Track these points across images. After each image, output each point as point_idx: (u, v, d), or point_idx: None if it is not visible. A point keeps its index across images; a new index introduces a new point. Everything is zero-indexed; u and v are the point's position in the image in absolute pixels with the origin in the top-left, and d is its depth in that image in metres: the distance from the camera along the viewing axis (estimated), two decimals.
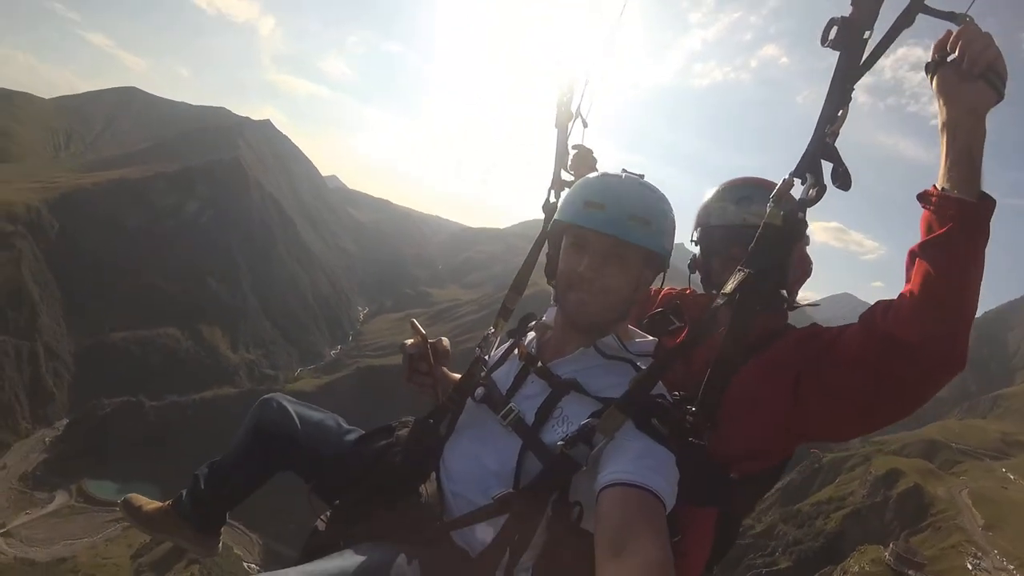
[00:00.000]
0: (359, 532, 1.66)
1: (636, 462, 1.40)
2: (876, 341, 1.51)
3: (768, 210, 1.52)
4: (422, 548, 1.59)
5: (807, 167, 1.48)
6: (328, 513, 1.85)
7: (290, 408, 2.08)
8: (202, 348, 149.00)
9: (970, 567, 61.47)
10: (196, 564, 64.89)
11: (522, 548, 1.56)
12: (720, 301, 1.55)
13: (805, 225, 1.49)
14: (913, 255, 1.45)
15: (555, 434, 1.58)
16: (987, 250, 1.37)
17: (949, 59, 1.40)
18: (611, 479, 1.38)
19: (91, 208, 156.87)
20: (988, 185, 1.37)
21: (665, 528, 1.31)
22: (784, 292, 2.02)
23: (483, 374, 1.92)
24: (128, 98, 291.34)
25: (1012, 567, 62.59)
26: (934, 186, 1.40)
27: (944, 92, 1.40)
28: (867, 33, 1.42)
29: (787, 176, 1.51)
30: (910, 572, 57.34)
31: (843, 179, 1.46)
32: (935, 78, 1.43)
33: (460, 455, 1.78)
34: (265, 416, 2.08)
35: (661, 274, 1.84)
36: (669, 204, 1.77)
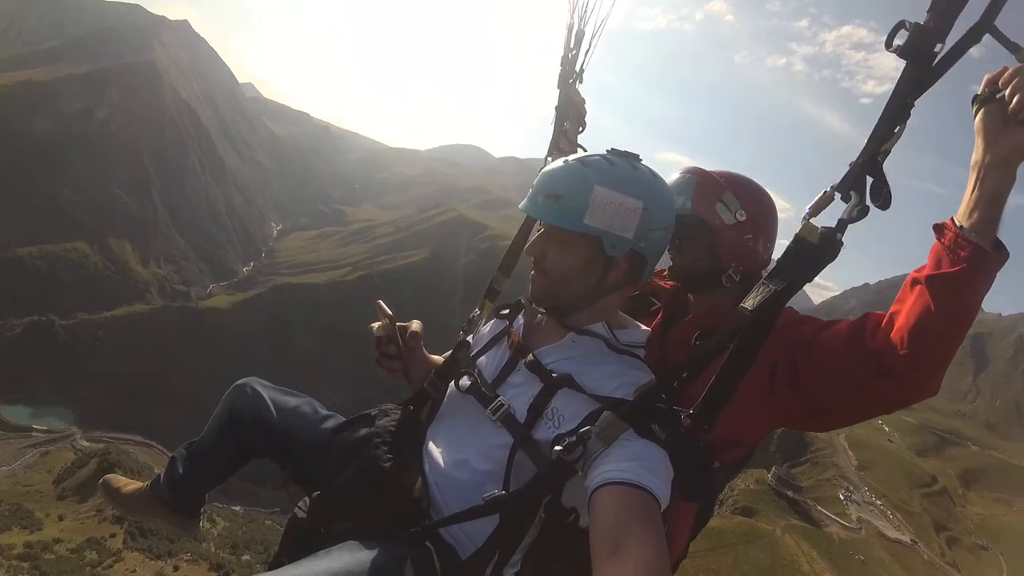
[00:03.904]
0: (343, 529, 1.58)
1: (630, 461, 1.38)
2: (863, 358, 1.51)
3: (803, 224, 1.41)
4: (409, 546, 1.52)
5: (852, 184, 1.38)
6: (307, 500, 1.80)
7: (265, 394, 2.02)
8: (112, 263, 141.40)
9: (842, 497, 70.96)
10: None
11: (513, 548, 1.54)
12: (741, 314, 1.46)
13: (841, 246, 1.39)
14: (916, 282, 1.43)
15: (547, 432, 1.54)
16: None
17: (998, 96, 1.32)
18: (606, 478, 1.35)
19: None
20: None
21: (661, 526, 1.30)
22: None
23: (468, 360, 1.88)
24: None
25: (879, 502, 72.08)
26: (952, 220, 1.37)
27: (984, 131, 1.34)
28: (939, 46, 1.31)
29: (828, 189, 1.41)
30: (789, 492, 64.92)
31: (884, 199, 1.36)
32: (979, 113, 1.36)
33: (445, 447, 1.72)
34: (239, 402, 2.03)
35: (636, 257, 1.64)
36: (609, 178, 1.55)
